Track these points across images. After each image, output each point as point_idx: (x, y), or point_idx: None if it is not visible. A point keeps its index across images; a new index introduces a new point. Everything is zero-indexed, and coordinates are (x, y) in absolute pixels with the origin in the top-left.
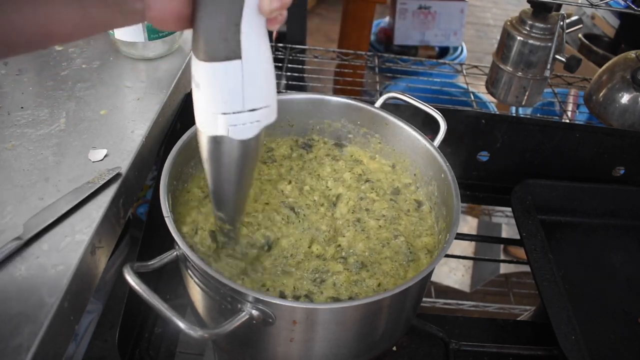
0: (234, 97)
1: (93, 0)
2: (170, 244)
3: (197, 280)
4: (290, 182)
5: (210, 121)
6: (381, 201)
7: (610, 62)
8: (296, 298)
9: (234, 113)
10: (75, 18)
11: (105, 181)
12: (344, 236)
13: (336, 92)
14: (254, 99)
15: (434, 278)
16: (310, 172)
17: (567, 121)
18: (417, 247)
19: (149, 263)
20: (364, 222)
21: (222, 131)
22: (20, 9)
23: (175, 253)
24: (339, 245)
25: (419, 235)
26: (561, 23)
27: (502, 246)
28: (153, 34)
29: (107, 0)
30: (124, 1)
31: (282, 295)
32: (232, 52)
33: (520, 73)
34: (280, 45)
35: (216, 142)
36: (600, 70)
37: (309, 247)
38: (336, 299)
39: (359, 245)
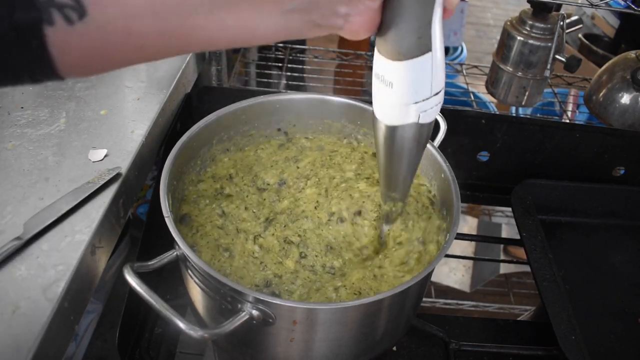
0: (425, 86)
1: (297, 13)
2: (170, 244)
3: (197, 280)
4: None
5: (402, 112)
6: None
7: (610, 62)
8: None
9: (423, 100)
10: (277, 27)
11: (105, 181)
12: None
13: (336, 92)
14: (438, 83)
15: (434, 278)
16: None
17: (567, 121)
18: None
19: (149, 263)
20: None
21: (413, 119)
22: (233, 12)
23: (175, 253)
24: (333, 212)
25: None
26: (561, 23)
27: (502, 246)
28: None
29: (312, 15)
30: (327, 17)
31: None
32: (425, 46)
33: (520, 73)
34: (280, 45)
35: (404, 130)
36: (600, 70)
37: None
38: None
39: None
